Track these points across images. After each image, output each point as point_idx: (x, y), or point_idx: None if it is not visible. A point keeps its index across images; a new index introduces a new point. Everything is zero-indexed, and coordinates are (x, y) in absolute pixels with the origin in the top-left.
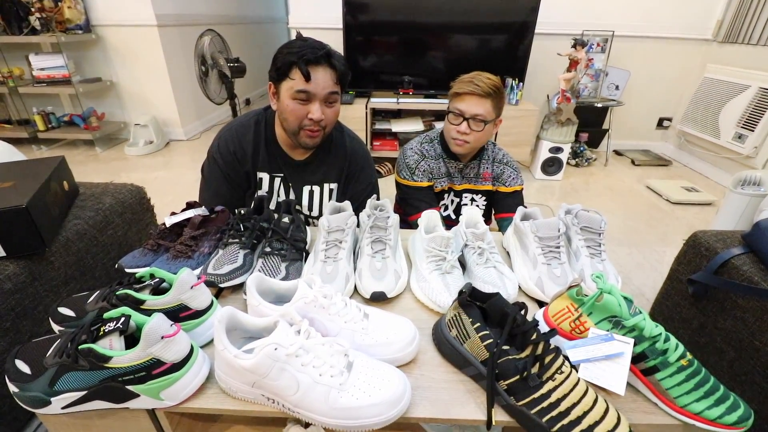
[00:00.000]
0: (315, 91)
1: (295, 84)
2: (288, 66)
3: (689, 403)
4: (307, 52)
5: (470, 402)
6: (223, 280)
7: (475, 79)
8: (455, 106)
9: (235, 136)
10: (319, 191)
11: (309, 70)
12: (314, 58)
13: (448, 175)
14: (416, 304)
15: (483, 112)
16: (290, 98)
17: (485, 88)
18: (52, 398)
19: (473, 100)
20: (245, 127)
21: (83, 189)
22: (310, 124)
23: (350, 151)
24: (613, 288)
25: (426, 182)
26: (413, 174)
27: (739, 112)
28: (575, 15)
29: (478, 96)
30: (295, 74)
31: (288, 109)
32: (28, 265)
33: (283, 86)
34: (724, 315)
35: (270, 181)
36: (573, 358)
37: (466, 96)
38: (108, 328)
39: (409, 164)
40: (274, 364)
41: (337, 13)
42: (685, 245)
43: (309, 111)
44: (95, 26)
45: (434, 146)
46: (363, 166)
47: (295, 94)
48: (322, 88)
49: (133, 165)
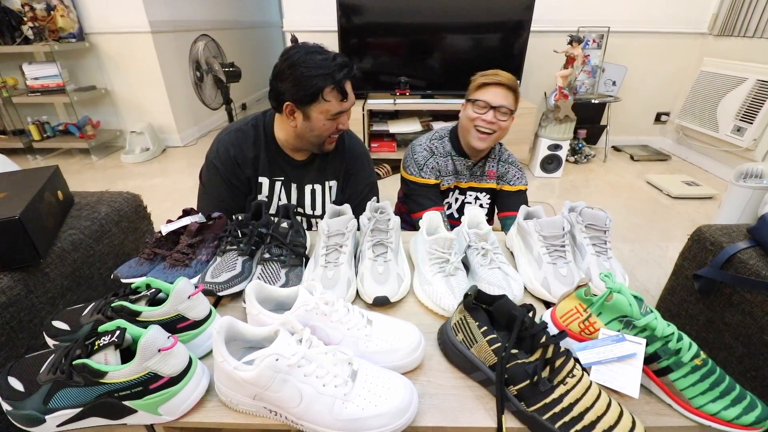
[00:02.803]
0: (348, 107)
1: (331, 107)
2: (320, 89)
3: (705, 404)
4: (338, 71)
5: (479, 408)
6: (222, 288)
7: (499, 72)
8: (480, 96)
9: (235, 141)
10: (320, 189)
11: (345, 90)
12: (345, 76)
13: (455, 172)
14: (420, 308)
15: (507, 103)
16: (326, 119)
17: (510, 81)
18: (47, 416)
19: (500, 91)
20: (244, 132)
21: (78, 198)
22: (335, 133)
23: (349, 149)
24: (622, 287)
25: (433, 180)
26: (421, 170)
27: (737, 105)
28: (570, 11)
29: (505, 87)
30: (330, 96)
31: (323, 128)
32: (23, 277)
33: (315, 109)
34: (731, 310)
35: (270, 186)
36: (584, 361)
37: (492, 87)
38: (103, 342)
39: (417, 160)
40: (275, 376)
41: (331, 16)
42: (690, 240)
43: (339, 122)
44: (88, 34)
45: (444, 143)
46: (362, 164)
47: (333, 116)
48: (352, 102)
49: (130, 173)
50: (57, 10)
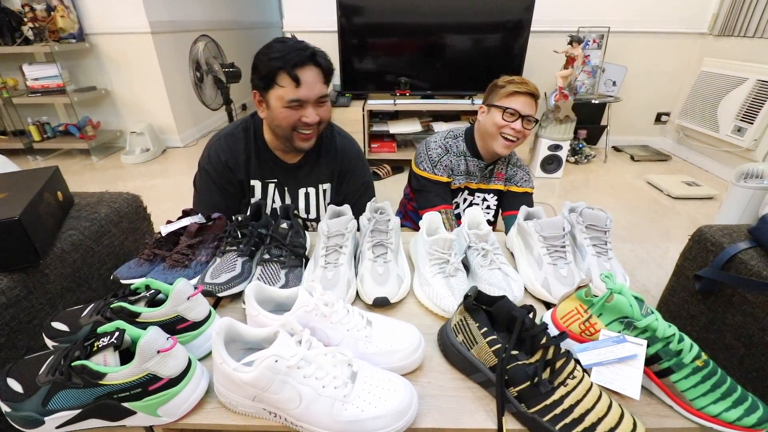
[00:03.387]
0: (307, 96)
1: (285, 93)
2: (274, 73)
3: (706, 406)
4: (292, 55)
5: (479, 410)
6: (221, 289)
7: (527, 82)
8: (510, 104)
9: (225, 146)
10: (314, 193)
11: (298, 75)
12: (300, 61)
13: (467, 173)
14: (420, 308)
15: (533, 112)
16: (282, 107)
17: (536, 90)
18: (46, 418)
19: (529, 100)
20: (234, 136)
21: (78, 199)
22: (303, 128)
23: (341, 149)
24: (623, 288)
25: (445, 178)
26: (434, 167)
27: (738, 105)
28: (570, 12)
29: (532, 97)
30: (284, 81)
31: (281, 116)
32: (22, 278)
33: (272, 95)
34: (732, 311)
35: (263, 188)
36: (584, 362)
37: (521, 96)
38: (102, 343)
39: (431, 157)
40: (275, 377)
41: (331, 16)
42: (691, 240)
43: (302, 115)
44: (89, 35)
45: (458, 143)
46: (355, 164)
47: (288, 104)
48: (314, 92)
49: (130, 173)
50: (57, 11)
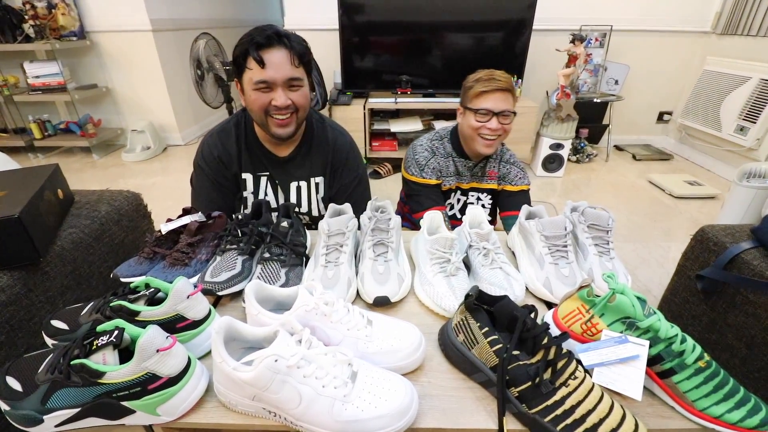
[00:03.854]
0: (273, 77)
1: (253, 74)
2: (243, 56)
3: (708, 407)
4: (256, 35)
5: (480, 410)
6: (222, 287)
7: (494, 75)
8: (481, 105)
9: (218, 141)
10: (306, 186)
11: (262, 56)
12: (264, 40)
13: (457, 173)
14: (421, 308)
15: (509, 106)
16: (252, 90)
17: (507, 83)
18: (45, 416)
19: (500, 96)
20: (226, 132)
21: (78, 197)
22: (276, 112)
23: (332, 142)
24: (625, 288)
25: (434, 180)
26: (422, 171)
27: (741, 104)
28: (573, 10)
29: (503, 91)
30: (251, 63)
31: (251, 99)
32: (22, 276)
33: (244, 79)
34: (734, 311)
35: (255, 181)
36: (586, 362)
37: (491, 93)
38: (101, 341)
39: (418, 161)
40: (274, 377)
41: (332, 14)
42: (693, 240)
43: (272, 98)
44: (90, 32)
45: (444, 144)
46: (347, 157)
47: (255, 85)
48: (281, 73)
49: (131, 171)
50: (58, 9)
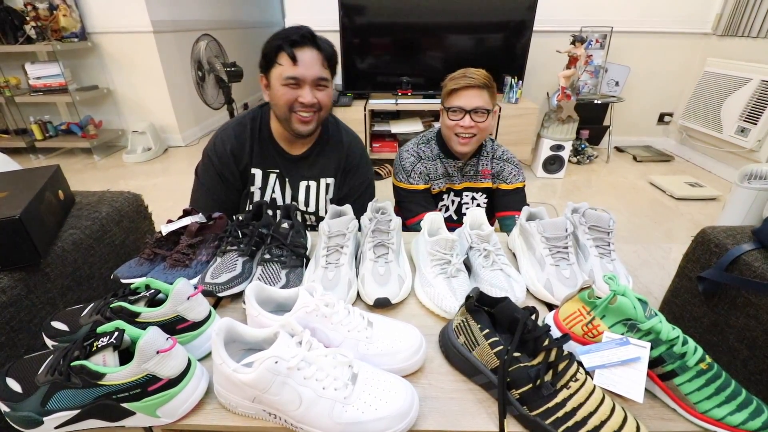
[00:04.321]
0: (304, 75)
1: (283, 70)
2: (274, 51)
3: (710, 409)
4: (291, 33)
5: (481, 412)
6: (222, 289)
7: (467, 73)
8: (453, 103)
9: (232, 135)
10: (315, 186)
11: (295, 53)
12: (299, 39)
13: (446, 175)
14: (421, 309)
15: (482, 103)
16: (280, 85)
17: (480, 79)
18: (45, 418)
19: (471, 93)
20: (242, 126)
21: (79, 198)
22: (301, 109)
23: (347, 145)
24: (626, 289)
25: (422, 185)
26: (409, 177)
27: (741, 106)
28: (573, 11)
29: (476, 88)
30: (283, 59)
31: (278, 94)
32: (23, 277)
33: (273, 74)
34: (736, 313)
35: (263, 177)
36: (587, 364)
37: (462, 91)
38: (101, 343)
39: (405, 167)
40: (274, 378)
41: (333, 16)
42: (694, 242)
43: (299, 95)
44: (91, 34)
45: (431, 147)
46: (360, 161)
47: (285, 81)
48: (311, 72)
49: (132, 172)
50: (59, 10)
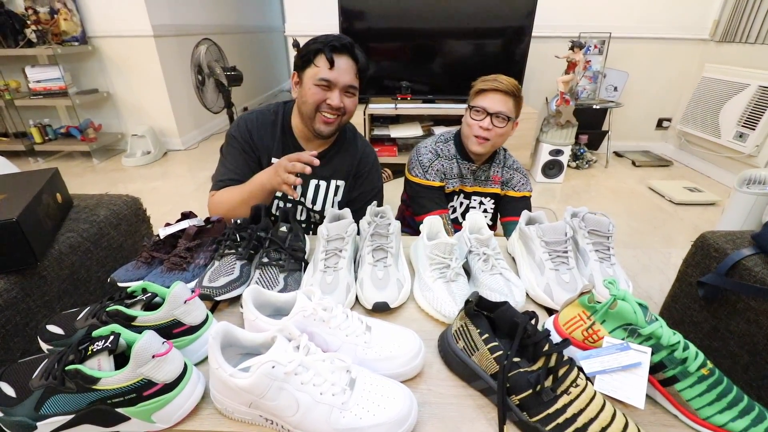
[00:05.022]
0: (337, 79)
1: (318, 71)
2: (314, 53)
3: (712, 415)
4: (333, 39)
5: (480, 418)
6: (219, 293)
7: (498, 78)
8: (478, 103)
9: (254, 119)
10: (325, 186)
11: (333, 58)
12: (340, 46)
13: (460, 176)
14: (420, 314)
15: (505, 109)
16: (313, 84)
17: (509, 86)
18: (38, 423)
19: (497, 97)
20: (265, 114)
21: (77, 201)
22: (327, 110)
23: (361, 151)
24: (627, 294)
25: (438, 182)
26: (426, 172)
27: (740, 111)
28: (572, 17)
29: (503, 93)
30: (320, 61)
31: (309, 92)
32: (19, 280)
33: (307, 73)
34: (736, 318)
35: None
36: (587, 370)
37: (490, 93)
38: (96, 347)
39: (422, 162)
40: (272, 383)
41: (333, 21)
42: (693, 246)
43: (328, 97)
44: (91, 38)
45: (449, 146)
46: (372, 168)
47: (318, 81)
48: (344, 78)
49: (131, 176)
50: (60, 14)
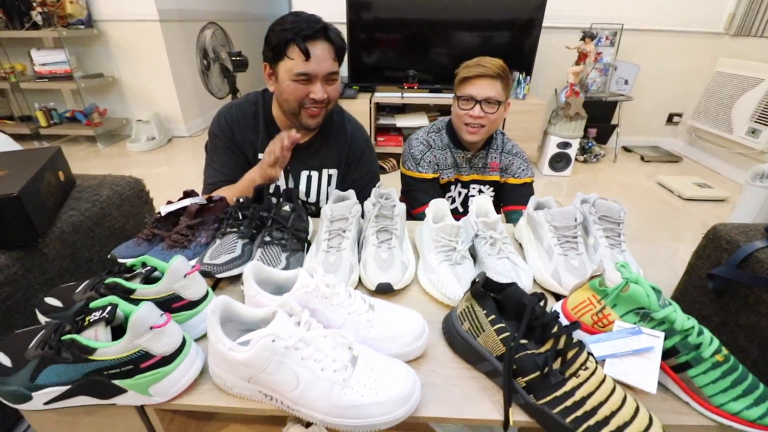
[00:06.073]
0: (316, 71)
1: (294, 65)
2: (284, 44)
3: (725, 403)
4: (303, 27)
5: (485, 400)
6: (220, 270)
7: (481, 62)
8: (465, 91)
9: (234, 113)
10: (317, 177)
11: (308, 48)
12: (312, 34)
13: (455, 165)
14: (425, 296)
15: (494, 93)
16: (290, 80)
17: (494, 69)
18: (34, 393)
19: (484, 82)
20: (244, 106)
21: (80, 181)
22: (311, 104)
23: (350, 135)
24: (639, 277)
25: (431, 174)
26: (418, 165)
27: (753, 107)
28: (583, 8)
29: (489, 77)
30: (293, 53)
31: (288, 90)
32: (20, 256)
33: (281, 67)
34: (747, 311)
35: None
36: (597, 353)
37: (475, 79)
38: (93, 317)
39: (414, 155)
40: (271, 357)
41: (340, 8)
42: (705, 239)
43: (310, 91)
44: (97, 21)
45: (441, 136)
46: (363, 151)
47: (296, 77)
48: (323, 67)
49: (135, 161)
50: None
